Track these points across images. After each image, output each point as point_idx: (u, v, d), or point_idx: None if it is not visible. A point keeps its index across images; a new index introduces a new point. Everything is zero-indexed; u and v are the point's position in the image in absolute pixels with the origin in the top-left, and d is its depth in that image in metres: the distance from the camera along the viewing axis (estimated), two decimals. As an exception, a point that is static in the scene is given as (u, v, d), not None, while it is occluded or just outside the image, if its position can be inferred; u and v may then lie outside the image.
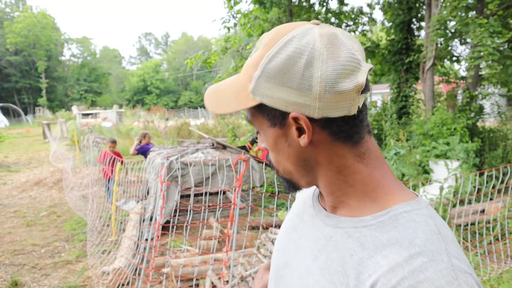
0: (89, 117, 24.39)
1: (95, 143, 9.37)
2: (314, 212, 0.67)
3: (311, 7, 9.22)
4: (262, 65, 0.55)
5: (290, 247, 0.68)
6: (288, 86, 0.54)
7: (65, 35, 53.30)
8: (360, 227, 0.57)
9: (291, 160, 0.60)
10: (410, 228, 0.53)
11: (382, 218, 0.55)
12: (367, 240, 0.54)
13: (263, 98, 0.56)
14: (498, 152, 6.37)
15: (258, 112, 0.59)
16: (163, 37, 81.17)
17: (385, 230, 0.54)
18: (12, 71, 43.89)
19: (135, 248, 4.10)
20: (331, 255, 0.58)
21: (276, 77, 0.54)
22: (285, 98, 0.54)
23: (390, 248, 0.52)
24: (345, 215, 0.60)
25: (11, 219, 5.83)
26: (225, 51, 9.26)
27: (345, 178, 0.59)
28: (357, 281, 0.52)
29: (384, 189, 0.59)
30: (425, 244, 0.51)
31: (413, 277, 0.48)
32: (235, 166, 4.51)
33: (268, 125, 0.59)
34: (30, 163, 11.46)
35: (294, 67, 0.53)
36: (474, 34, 5.61)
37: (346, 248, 0.56)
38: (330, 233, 0.60)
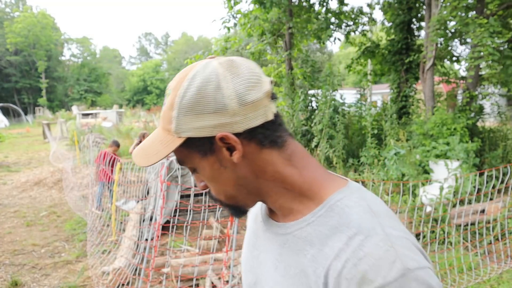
0: (89, 117, 24.38)
1: (95, 143, 9.38)
2: (265, 227, 0.70)
3: (311, 7, 9.22)
4: (176, 104, 0.59)
5: (255, 265, 0.71)
6: (206, 113, 0.58)
7: (65, 35, 53.28)
8: (305, 226, 0.61)
9: (231, 182, 0.63)
10: (344, 214, 0.58)
11: (320, 213, 0.60)
12: (313, 237, 0.59)
13: (188, 132, 0.59)
14: (498, 152, 6.37)
15: (187, 149, 0.61)
16: (163, 37, 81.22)
17: (325, 222, 0.59)
18: (12, 71, 43.89)
19: (135, 248, 4.10)
20: (288, 261, 0.62)
21: (193, 108, 0.58)
22: (207, 124, 0.58)
23: (333, 237, 0.57)
24: (291, 220, 0.64)
25: (11, 219, 5.83)
26: (225, 51, 9.26)
27: (282, 184, 0.63)
28: (316, 277, 0.57)
29: (317, 185, 0.63)
30: (359, 224, 0.56)
31: (355, 256, 0.53)
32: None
33: (200, 157, 0.62)
34: (30, 163, 11.46)
35: (205, 94, 0.58)
36: (474, 34, 5.61)
37: (298, 250, 0.60)
38: (283, 241, 0.64)
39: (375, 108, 9.76)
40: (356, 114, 8.98)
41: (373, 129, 7.29)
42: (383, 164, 6.48)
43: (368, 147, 6.91)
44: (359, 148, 7.69)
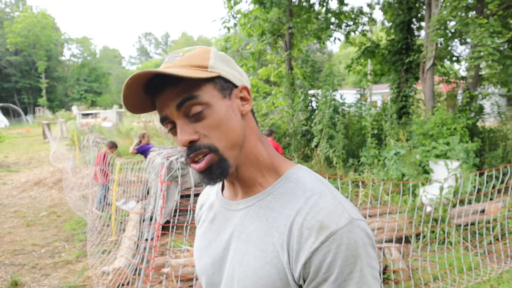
0: (89, 117, 24.37)
1: (95, 143, 9.37)
2: (223, 209, 0.78)
3: (311, 7, 9.22)
4: (212, 52, 0.71)
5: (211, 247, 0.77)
6: (232, 68, 0.72)
7: (65, 35, 53.29)
8: (265, 197, 0.71)
9: (237, 131, 0.69)
10: (300, 183, 0.70)
11: (279, 184, 0.71)
12: (274, 204, 0.69)
13: (221, 71, 0.69)
14: (498, 152, 6.37)
15: (213, 85, 0.68)
16: (163, 37, 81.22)
17: (284, 191, 0.70)
18: (12, 71, 43.89)
19: (135, 248, 4.10)
20: (250, 228, 0.70)
21: (225, 60, 0.72)
22: (233, 74, 0.72)
23: (291, 201, 0.68)
24: (252, 195, 0.73)
25: (11, 219, 5.83)
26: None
27: (257, 154, 0.73)
28: (279, 234, 0.66)
29: (276, 161, 0.75)
30: (313, 188, 0.68)
31: (312, 210, 0.64)
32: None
33: (220, 97, 0.68)
34: (30, 163, 11.46)
35: (230, 60, 0.74)
36: (474, 34, 5.61)
37: (260, 217, 0.69)
38: (244, 214, 0.72)
39: (375, 108, 9.76)
40: (356, 114, 8.98)
41: (373, 129, 7.29)
42: (383, 164, 6.49)
43: (368, 147, 6.91)
44: (359, 148, 7.69)
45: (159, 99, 0.68)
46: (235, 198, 0.77)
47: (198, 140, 0.67)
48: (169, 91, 0.66)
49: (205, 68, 0.67)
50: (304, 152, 8.66)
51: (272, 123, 9.57)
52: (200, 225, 0.86)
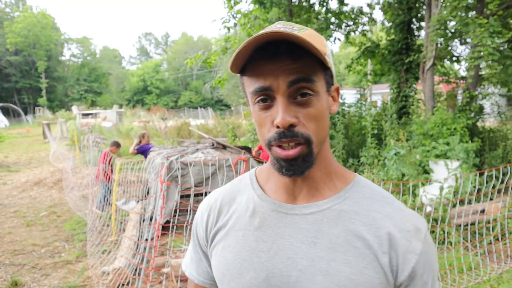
0: (89, 117, 24.38)
1: (95, 143, 9.37)
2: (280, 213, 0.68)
3: (311, 7, 9.22)
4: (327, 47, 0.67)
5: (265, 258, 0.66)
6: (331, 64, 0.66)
7: (65, 35, 53.29)
8: (342, 201, 0.68)
9: (327, 129, 0.67)
10: (374, 189, 0.70)
11: (354, 189, 0.69)
12: (356, 208, 0.67)
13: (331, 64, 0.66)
14: (498, 152, 6.36)
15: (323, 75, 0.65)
16: (163, 37, 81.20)
17: (362, 196, 0.68)
18: (12, 71, 43.88)
19: (135, 248, 4.10)
20: (332, 233, 0.65)
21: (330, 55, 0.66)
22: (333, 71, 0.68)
23: (374, 204, 0.67)
24: (322, 199, 0.68)
25: (11, 219, 5.83)
26: (225, 51, 9.26)
27: (329, 156, 0.72)
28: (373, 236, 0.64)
29: (341, 167, 0.73)
30: (388, 195, 0.70)
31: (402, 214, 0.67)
32: (235, 166, 4.51)
33: (325, 90, 0.66)
34: (30, 163, 11.46)
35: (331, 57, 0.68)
36: (474, 34, 5.60)
37: (344, 220, 0.66)
38: (319, 218, 0.66)
39: (375, 108, 9.75)
40: (356, 114, 8.98)
41: (373, 129, 7.29)
42: (383, 164, 6.48)
43: (368, 147, 6.91)
44: (359, 148, 7.68)
45: (266, 66, 0.60)
46: (294, 201, 0.69)
47: (297, 126, 0.61)
48: (286, 63, 0.60)
49: (324, 54, 0.60)
50: (304, 152, 8.64)
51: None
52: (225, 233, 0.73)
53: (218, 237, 0.73)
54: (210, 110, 34.14)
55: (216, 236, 0.74)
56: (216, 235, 0.74)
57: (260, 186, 0.73)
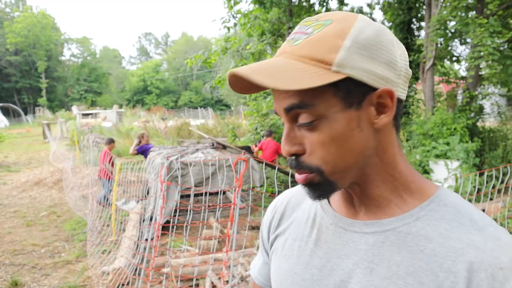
0: (89, 117, 24.39)
1: (95, 143, 9.37)
2: (338, 229, 0.60)
3: (311, 7, 9.23)
4: (352, 36, 0.50)
5: (318, 277, 0.60)
6: (377, 60, 0.51)
7: (65, 35, 53.32)
8: (413, 221, 0.54)
9: (357, 150, 0.53)
10: (461, 208, 0.54)
11: (430, 207, 0.55)
12: (428, 231, 0.53)
13: (352, 70, 0.50)
14: (498, 152, 6.37)
15: (333, 91, 0.51)
16: (163, 37, 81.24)
17: (440, 216, 0.54)
18: (12, 71, 43.90)
19: (135, 248, 4.10)
20: (393, 260, 0.53)
21: (369, 48, 0.51)
22: (375, 71, 0.51)
23: (455, 230, 0.52)
24: (386, 217, 0.57)
25: (11, 219, 5.83)
26: (225, 51, 9.27)
27: (392, 171, 0.57)
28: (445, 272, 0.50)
29: (419, 179, 0.59)
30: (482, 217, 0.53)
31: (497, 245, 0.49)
32: (235, 166, 4.51)
33: (342, 108, 0.51)
34: (30, 163, 11.46)
35: (383, 41, 0.52)
36: (474, 34, 5.61)
37: (409, 246, 0.53)
38: (380, 240, 0.55)
39: (375, 108, 9.75)
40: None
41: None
42: (383, 164, 6.48)
43: (368, 147, 6.92)
44: (359, 148, 7.68)
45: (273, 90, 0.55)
46: (354, 216, 0.60)
47: (303, 155, 0.54)
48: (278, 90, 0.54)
49: (328, 65, 0.49)
50: (304, 152, 8.65)
51: (272, 123, 9.57)
52: (284, 240, 0.68)
53: (277, 243, 0.69)
54: (210, 110, 34.15)
55: (276, 241, 0.70)
56: (276, 240, 0.70)
57: None
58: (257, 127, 9.90)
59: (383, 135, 0.55)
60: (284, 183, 7.11)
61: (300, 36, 0.53)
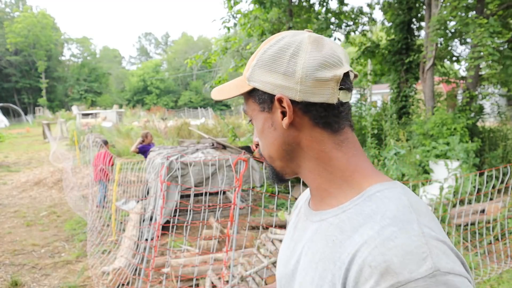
0: (89, 117, 24.39)
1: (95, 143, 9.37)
2: (304, 217, 0.71)
3: (311, 7, 9.23)
4: (258, 56, 0.65)
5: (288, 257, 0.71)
6: (276, 71, 0.62)
7: (65, 35, 53.31)
8: (340, 213, 0.60)
9: (276, 144, 0.67)
10: (382, 204, 0.56)
11: (358, 201, 0.59)
12: (345, 224, 0.58)
13: (256, 83, 0.65)
14: (498, 152, 6.37)
15: (252, 98, 0.67)
16: (163, 37, 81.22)
17: (361, 211, 0.58)
18: (12, 71, 43.90)
19: (135, 248, 4.10)
20: (315, 247, 0.61)
21: (267, 64, 0.63)
22: (273, 82, 0.63)
23: (365, 225, 0.55)
24: (327, 208, 0.64)
25: (11, 219, 5.83)
26: (225, 51, 9.26)
27: (325, 164, 0.64)
28: (340, 263, 0.55)
29: (361, 174, 0.63)
30: (395, 215, 0.54)
31: (383, 245, 0.50)
32: (235, 166, 4.50)
33: (259, 110, 0.67)
34: (30, 163, 11.46)
35: (283, 56, 0.62)
36: (474, 34, 5.61)
37: (327, 236, 0.60)
38: (316, 228, 0.64)
39: (375, 108, 9.76)
40: (356, 114, 8.98)
41: (373, 129, 7.29)
42: (383, 164, 6.48)
43: (368, 147, 6.91)
44: (359, 148, 7.68)
45: None
46: (314, 208, 0.69)
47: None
48: None
49: (246, 80, 0.67)
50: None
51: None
52: (288, 224, 0.81)
53: None
54: (210, 110, 34.14)
55: None
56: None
57: None
58: (257, 127, 9.88)
59: (303, 135, 0.64)
60: (284, 183, 7.10)
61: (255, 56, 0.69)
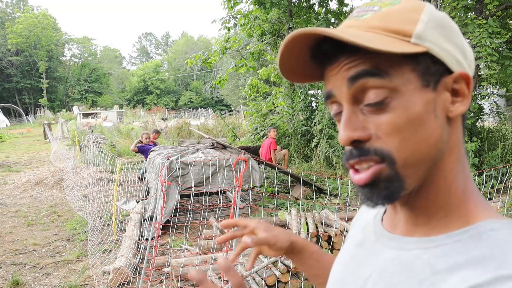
0: (90, 117, 24.42)
1: (96, 143, 9.40)
2: (375, 237, 0.56)
3: (311, 7, 9.25)
4: (428, 12, 0.46)
5: (348, 279, 0.57)
6: (452, 42, 0.46)
7: (65, 36, 53.36)
8: (431, 247, 0.46)
9: (431, 140, 0.45)
10: (497, 247, 0.41)
11: (459, 237, 0.45)
12: (440, 262, 0.44)
13: (432, 44, 0.44)
14: (497, 152, 6.38)
15: (412, 66, 0.44)
16: (163, 37, 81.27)
17: (463, 250, 0.43)
18: (13, 72, 43.97)
19: (136, 247, 4.12)
20: (392, 280, 0.48)
21: (444, 28, 0.46)
22: (453, 51, 0.46)
23: (470, 269, 0.41)
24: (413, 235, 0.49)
25: (12, 218, 5.86)
26: (225, 51, 9.29)
27: (452, 179, 0.48)
28: None
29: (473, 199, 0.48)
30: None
31: None
32: (235, 166, 4.53)
33: (419, 85, 0.44)
34: (31, 163, 11.49)
35: (454, 26, 0.47)
36: (473, 34, 5.63)
37: (412, 271, 0.46)
38: (392, 256, 0.50)
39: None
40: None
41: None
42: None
43: (368, 147, 6.93)
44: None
45: (328, 68, 0.48)
46: (393, 229, 0.53)
47: (368, 141, 0.45)
48: (343, 61, 0.46)
49: (408, 36, 0.44)
50: (304, 152, 8.68)
51: (272, 123, 9.60)
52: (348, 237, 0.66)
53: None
54: (210, 110, 34.18)
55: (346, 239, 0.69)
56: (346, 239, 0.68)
57: None
58: (257, 127, 9.92)
59: (454, 130, 0.47)
60: (284, 183, 7.13)
61: (366, 12, 0.47)
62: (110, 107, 40.54)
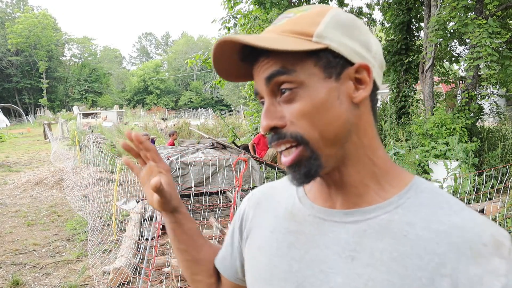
0: (90, 117, 24.43)
1: (96, 143, 9.41)
2: (317, 219, 0.59)
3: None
4: (330, 15, 0.54)
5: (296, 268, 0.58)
6: (353, 38, 0.54)
7: (65, 36, 53.37)
8: (393, 209, 0.54)
9: (337, 123, 0.53)
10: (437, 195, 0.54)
11: (409, 195, 0.55)
12: (411, 218, 0.52)
13: (331, 42, 0.52)
14: (497, 152, 6.39)
15: (314, 61, 0.52)
16: (163, 37, 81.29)
17: (420, 203, 0.54)
18: (13, 72, 43.98)
19: (136, 247, 4.12)
20: (376, 247, 0.53)
21: (345, 27, 0.54)
22: (353, 47, 0.54)
23: (436, 214, 0.52)
24: (364, 206, 0.56)
25: (12, 218, 5.86)
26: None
27: (372, 154, 0.57)
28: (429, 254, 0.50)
29: (397, 167, 0.59)
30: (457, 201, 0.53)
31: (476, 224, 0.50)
32: (235, 166, 4.54)
33: (322, 78, 0.52)
34: (31, 163, 11.50)
35: (360, 25, 0.55)
36: (473, 34, 5.63)
37: (393, 233, 0.52)
38: (362, 228, 0.55)
39: (375, 108, 9.77)
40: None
41: (372, 129, 7.31)
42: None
43: (368, 147, 6.94)
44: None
45: (254, 68, 0.57)
46: (332, 206, 0.59)
47: (285, 127, 0.54)
48: (261, 62, 0.55)
49: (310, 36, 0.52)
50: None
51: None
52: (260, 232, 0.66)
53: (253, 236, 0.67)
54: (210, 110, 34.18)
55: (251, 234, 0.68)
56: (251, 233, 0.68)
57: (303, 188, 0.65)
58: (257, 127, 9.92)
59: (362, 114, 0.56)
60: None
61: (283, 19, 0.56)
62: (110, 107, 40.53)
